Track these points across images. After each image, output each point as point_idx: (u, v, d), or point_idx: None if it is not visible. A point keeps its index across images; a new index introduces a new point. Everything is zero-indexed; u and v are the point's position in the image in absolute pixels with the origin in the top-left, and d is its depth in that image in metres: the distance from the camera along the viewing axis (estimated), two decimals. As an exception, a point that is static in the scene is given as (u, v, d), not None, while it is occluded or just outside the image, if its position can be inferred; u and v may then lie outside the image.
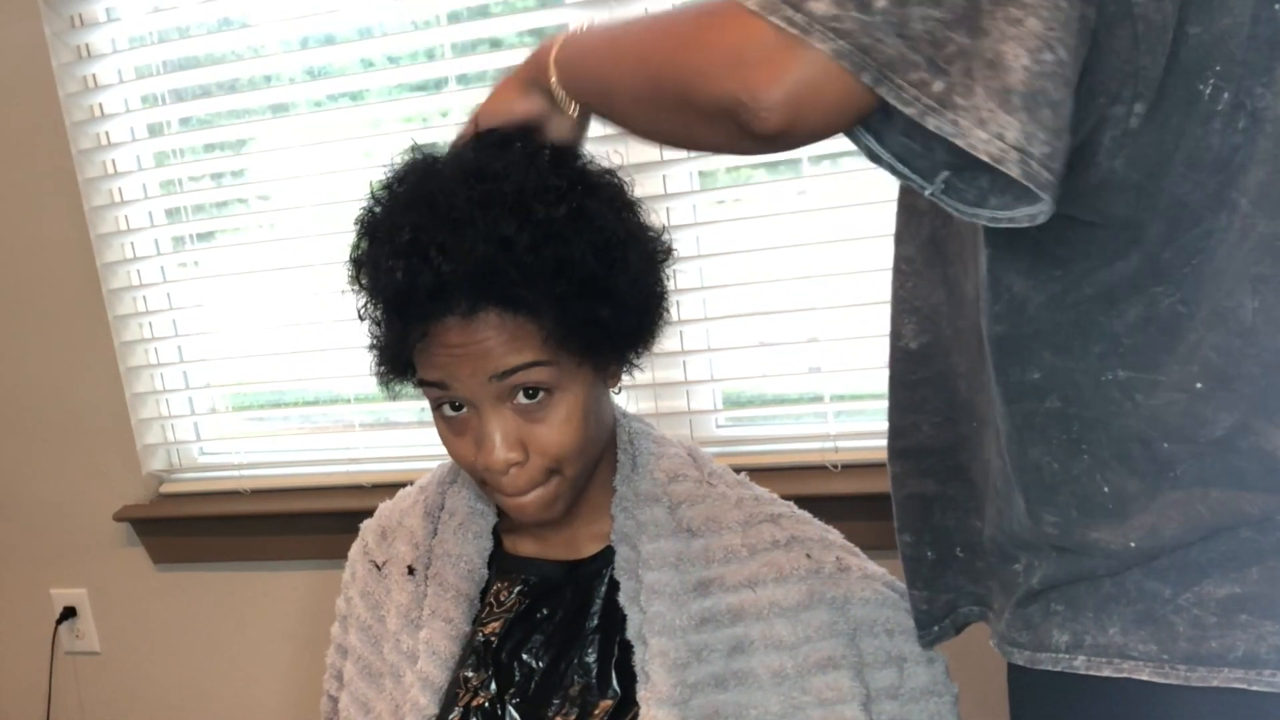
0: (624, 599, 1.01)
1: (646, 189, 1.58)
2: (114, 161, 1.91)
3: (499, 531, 1.10)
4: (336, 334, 1.79)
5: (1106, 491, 0.80)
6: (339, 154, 1.79)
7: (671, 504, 1.04)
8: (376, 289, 0.93)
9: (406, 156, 0.96)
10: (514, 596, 1.06)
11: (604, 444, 1.03)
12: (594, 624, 1.03)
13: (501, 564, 1.09)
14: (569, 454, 0.95)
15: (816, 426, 1.68)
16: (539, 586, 1.06)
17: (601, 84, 0.85)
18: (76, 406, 2.00)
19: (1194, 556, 0.77)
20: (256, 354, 1.94)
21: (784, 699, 0.98)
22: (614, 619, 1.02)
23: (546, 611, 1.05)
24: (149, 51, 1.87)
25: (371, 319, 0.96)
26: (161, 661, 2.08)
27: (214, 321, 1.94)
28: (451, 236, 0.87)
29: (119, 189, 1.92)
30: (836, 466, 1.63)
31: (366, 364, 1.00)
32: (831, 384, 1.67)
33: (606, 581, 1.04)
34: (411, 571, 1.10)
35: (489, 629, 1.05)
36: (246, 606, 2.00)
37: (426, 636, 1.06)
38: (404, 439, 1.89)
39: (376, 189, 0.95)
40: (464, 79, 1.73)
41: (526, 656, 1.04)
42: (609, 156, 0.98)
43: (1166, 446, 0.78)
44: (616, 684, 1.01)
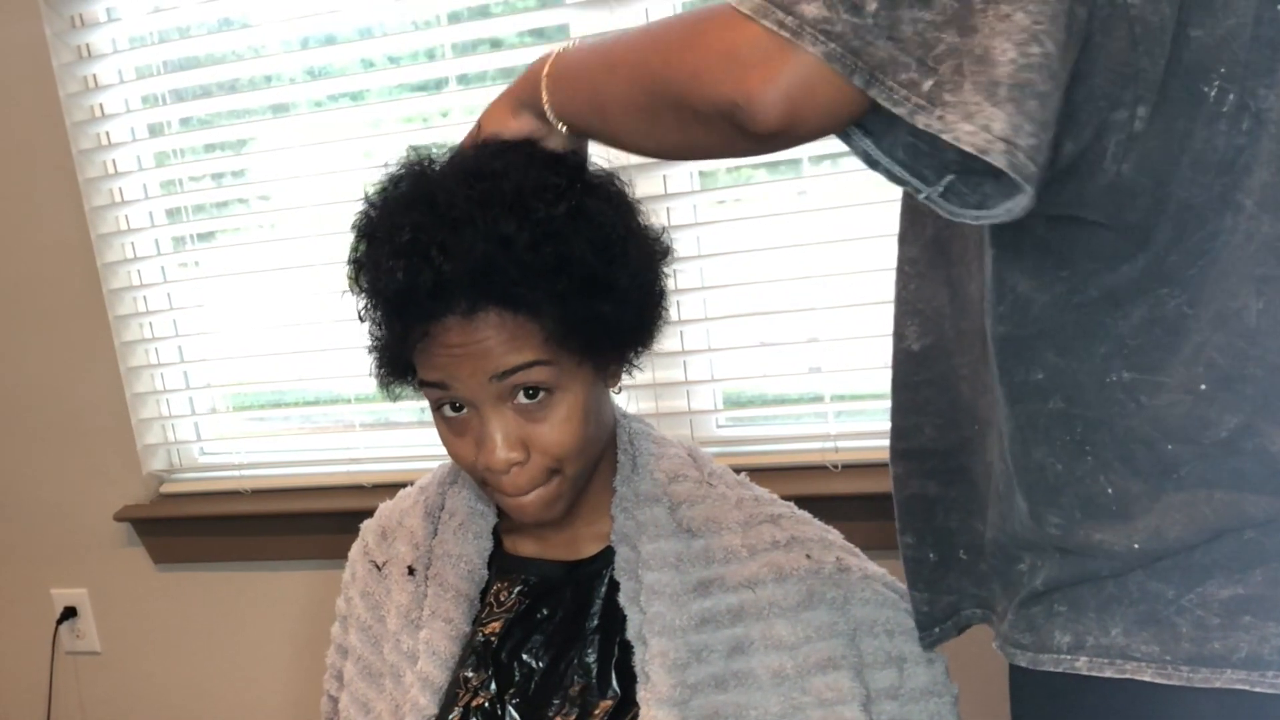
0: (624, 599, 1.01)
1: (646, 189, 1.58)
2: (114, 162, 1.91)
3: (499, 532, 1.10)
4: (337, 334, 1.79)
5: (1110, 493, 0.80)
6: (339, 154, 1.79)
7: (672, 504, 1.04)
8: (376, 289, 0.92)
9: (402, 159, 0.96)
10: (514, 597, 1.06)
11: (604, 444, 1.02)
12: (594, 624, 1.03)
13: (501, 564, 1.09)
14: (570, 453, 0.95)
15: (817, 426, 1.68)
16: (539, 587, 1.06)
17: (594, 96, 0.85)
18: (77, 406, 2.00)
19: (1197, 558, 0.77)
20: (257, 354, 1.94)
21: (784, 699, 0.97)
22: (614, 619, 1.02)
23: (546, 612, 1.05)
24: (149, 52, 1.87)
25: (371, 320, 0.96)
26: (162, 661, 2.08)
27: (214, 321, 1.94)
28: (451, 236, 0.87)
29: (119, 189, 1.92)
30: (837, 467, 1.63)
31: (367, 364, 1.00)
32: (832, 384, 1.66)
33: (606, 582, 1.04)
34: (411, 572, 1.10)
35: (489, 629, 1.05)
36: (247, 606, 2.00)
37: (426, 636, 1.05)
38: (404, 439, 1.89)
39: (372, 192, 0.95)
40: (464, 79, 1.73)
41: (526, 657, 1.04)
42: (609, 159, 0.98)
43: (1170, 448, 0.77)
44: (616, 684, 1.01)
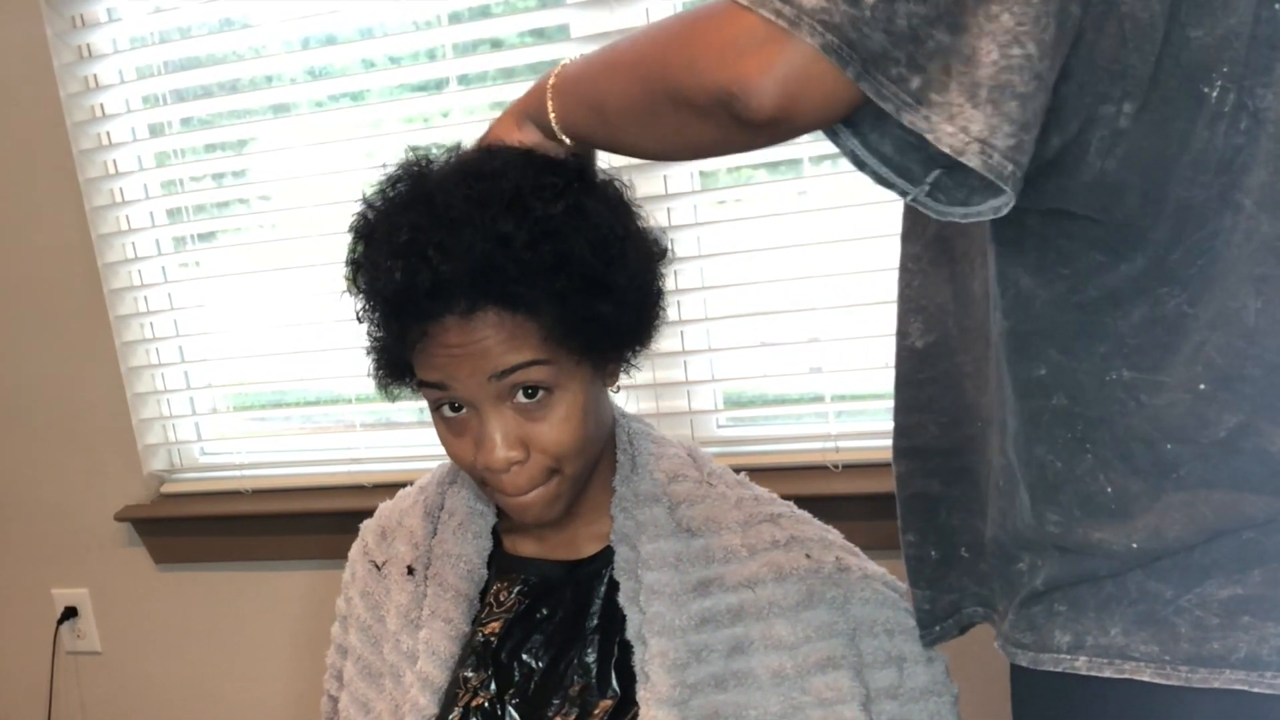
0: (623, 599, 1.01)
1: (647, 190, 1.58)
2: (115, 162, 1.91)
3: (499, 532, 1.10)
4: (337, 334, 1.79)
5: (1109, 492, 0.80)
6: (340, 154, 1.79)
7: (671, 504, 1.04)
8: (375, 290, 0.92)
9: (400, 161, 0.96)
10: (513, 597, 1.06)
11: (603, 443, 1.02)
12: (593, 624, 1.03)
13: (501, 564, 1.09)
14: (569, 452, 0.95)
15: (817, 426, 1.68)
16: (538, 587, 1.06)
17: (595, 100, 0.85)
18: (78, 406, 2.00)
19: (1196, 558, 0.77)
20: (258, 354, 1.94)
21: (784, 699, 0.97)
22: (613, 619, 1.02)
23: (546, 612, 1.05)
24: (150, 52, 1.87)
25: (370, 321, 0.96)
26: (163, 661, 2.08)
27: (215, 322, 1.94)
28: (449, 235, 0.87)
29: (120, 189, 1.93)
30: (837, 466, 1.63)
31: (367, 364, 1.00)
32: (832, 384, 1.66)
33: (606, 582, 1.04)
34: (411, 571, 1.10)
35: (489, 629, 1.05)
36: (247, 606, 2.00)
37: (426, 636, 1.05)
38: (405, 439, 1.89)
39: (370, 194, 0.95)
40: (465, 79, 1.73)
41: (526, 657, 1.04)
42: (609, 161, 0.98)
43: (1170, 447, 0.77)
44: (616, 684, 1.01)
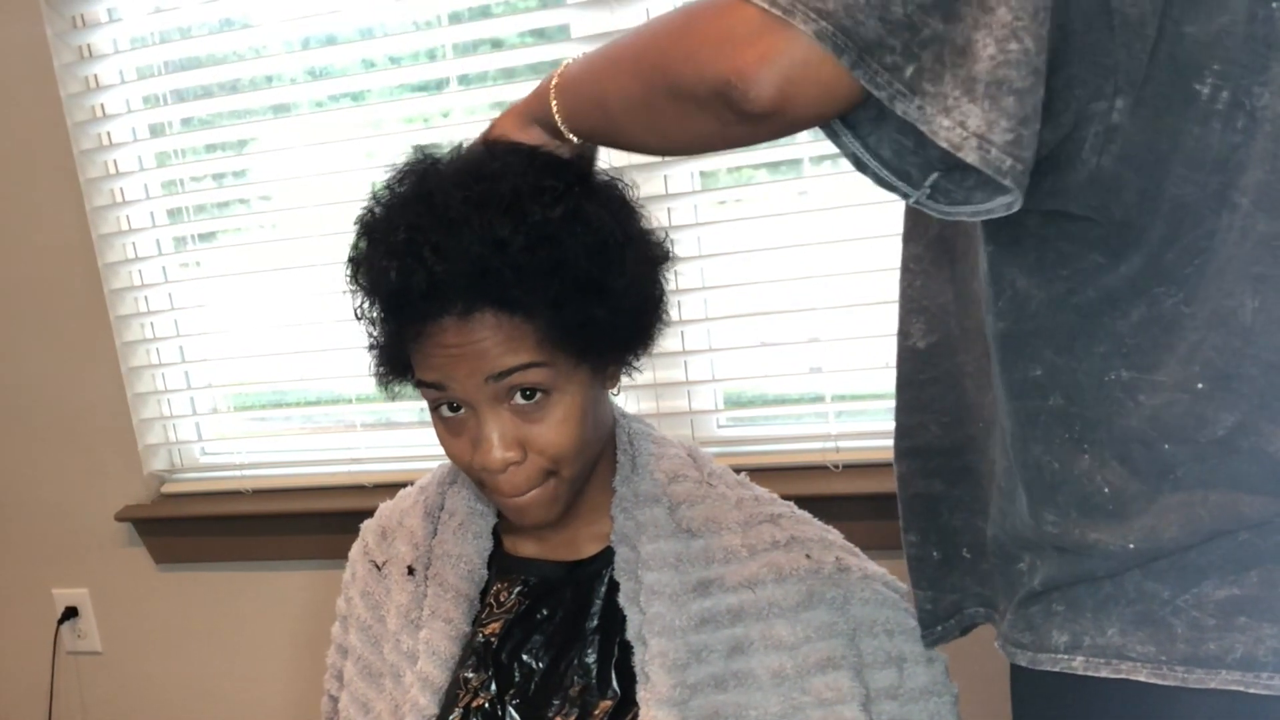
0: (624, 600, 1.01)
1: (648, 189, 1.58)
2: (115, 162, 1.91)
3: (499, 532, 1.10)
4: (338, 334, 1.79)
5: (1106, 492, 0.80)
6: (340, 154, 1.79)
7: (671, 504, 1.04)
8: (373, 289, 0.93)
9: (409, 157, 0.96)
10: (514, 597, 1.06)
11: (602, 445, 1.03)
12: (594, 624, 1.03)
13: (501, 564, 1.09)
14: (566, 454, 0.95)
15: (817, 427, 1.68)
16: (539, 587, 1.06)
17: (598, 96, 0.85)
18: (78, 406, 2.00)
19: (1193, 559, 0.77)
20: (258, 354, 1.94)
21: (784, 699, 0.98)
22: (614, 619, 1.02)
23: (546, 612, 1.05)
24: (150, 52, 1.87)
25: (368, 319, 0.96)
26: (163, 661, 2.08)
27: (216, 322, 1.95)
28: (446, 237, 0.87)
29: (120, 189, 1.93)
30: (837, 467, 1.63)
31: (367, 364, 1.00)
32: (833, 384, 1.67)
33: (606, 582, 1.04)
34: (411, 572, 1.10)
35: (489, 629, 1.05)
36: (248, 606, 2.00)
37: (426, 637, 1.06)
38: (405, 439, 1.89)
39: (378, 189, 0.95)
40: (465, 79, 1.73)
41: (526, 657, 1.04)
42: (609, 159, 0.98)
43: (1167, 448, 0.77)
44: (616, 684, 1.01)
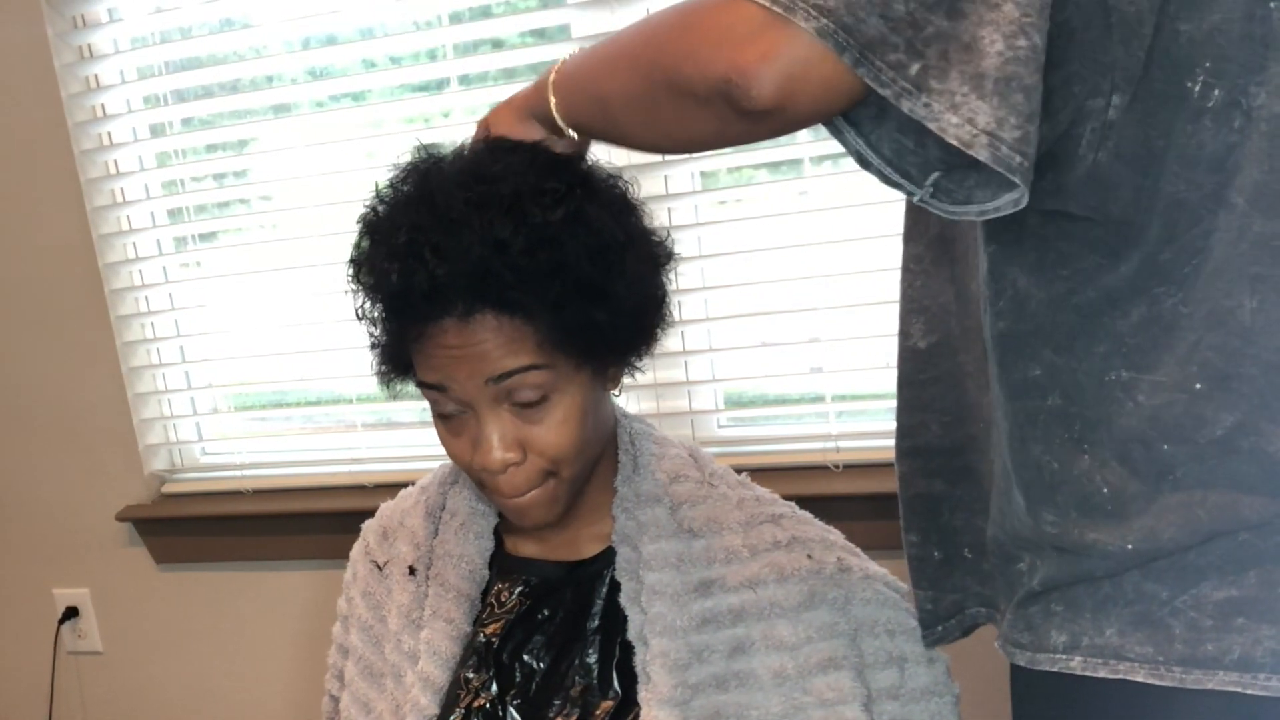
0: (625, 600, 1.01)
1: (648, 190, 1.58)
2: (116, 162, 1.91)
3: (500, 532, 1.10)
4: (339, 334, 1.79)
5: (1105, 492, 0.80)
6: (341, 154, 1.79)
7: (673, 505, 1.04)
8: (374, 289, 0.93)
9: (412, 156, 0.96)
10: (515, 597, 1.06)
11: (603, 445, 1.03)
12: (595, 625, 1.03)
13: (503, 564, 1.09)
14: (567, 455, 0.95)
15: (818, 427, 1.68)
16: (540, 587, 1.06)
17: (597, 92, 0.85)
18: (79, 407, 2.00)
19: (1192, 559, 0.77)
20: (259, 354, 1.94)
21: (785, 699, 0.98)
22: (615, 620, 1.02)
23: (547, 612, 1.05)
24: (151, 52, 1.87)
25: (369, 318, 0.97)
26: (164, 661, 2.08)
27: (216, 322, 1.95)
28: (447, 238, 0.87)
29: (121, 189, 1.93)
30: (838, 467, 1.63)
31: (369, 364, 1.00)
32: (833, 384, 1.67)
33: (607, 582, 1.04)
34: (413, 572, 1.10)
35: (490, 630, 1.05)
36: (248, 606, 2.00)
37: (427, 637, 1.06)
38: (406, 439, 1.89)
39: (381, 188, 0.95)
40: (466, 79, 1.73)
41: (527, 657, 1.04)
42: (610, 159, 0.98)
43: (1167, 448, 0.77)
44: (617, 685, 1.01)
